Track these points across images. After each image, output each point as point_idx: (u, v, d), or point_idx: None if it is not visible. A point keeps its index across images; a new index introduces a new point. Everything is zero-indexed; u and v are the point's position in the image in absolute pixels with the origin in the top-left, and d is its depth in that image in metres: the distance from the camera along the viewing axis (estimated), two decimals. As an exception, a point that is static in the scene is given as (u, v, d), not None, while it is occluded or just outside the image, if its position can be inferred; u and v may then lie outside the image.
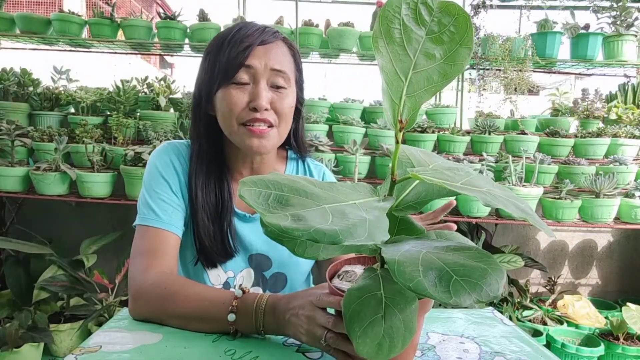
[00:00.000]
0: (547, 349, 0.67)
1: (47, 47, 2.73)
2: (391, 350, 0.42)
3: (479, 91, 2.73)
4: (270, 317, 0.66)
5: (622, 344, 2.07)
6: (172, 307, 0.72)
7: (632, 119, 2.44)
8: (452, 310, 0.84)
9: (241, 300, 0.68)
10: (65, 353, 1.90)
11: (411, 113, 0.46)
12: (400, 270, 0.40)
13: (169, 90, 2.33)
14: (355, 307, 0.45)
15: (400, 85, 0.45)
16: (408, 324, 0.43)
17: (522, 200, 0.44)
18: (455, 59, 0.44)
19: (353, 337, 0.43)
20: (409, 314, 0.44)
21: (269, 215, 0.39)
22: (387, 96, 0.46)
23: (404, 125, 0.46)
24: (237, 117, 0.81)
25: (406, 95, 0.45)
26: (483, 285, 0.38)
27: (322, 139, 2.13)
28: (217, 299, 0.70)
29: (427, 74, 0.45)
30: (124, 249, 2.17)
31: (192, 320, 0.70)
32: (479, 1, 2.57)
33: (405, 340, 0.43)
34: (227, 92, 0.81)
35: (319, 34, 2.53)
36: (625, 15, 2.48)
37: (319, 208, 0.41)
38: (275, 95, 0.82)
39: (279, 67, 0.82)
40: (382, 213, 0.42)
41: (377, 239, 0.38)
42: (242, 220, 0.92)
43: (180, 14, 2.45)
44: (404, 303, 0.45)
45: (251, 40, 0.80)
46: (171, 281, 0.76)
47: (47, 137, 2.10)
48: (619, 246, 2.68)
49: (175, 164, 0.89)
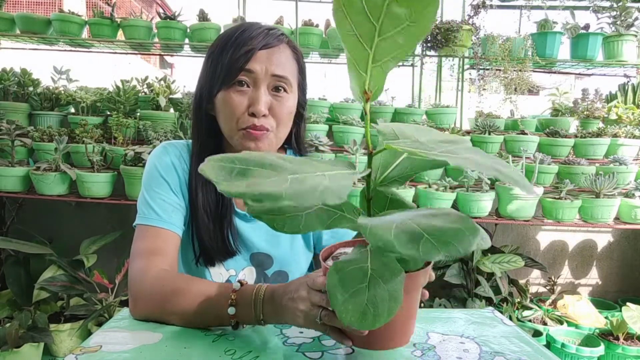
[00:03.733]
0: (547, 349, 0.67)
1: (47, 47, 2.73)
2: (376, 319, 0.42)
3: (479, 91, 2.73)
4: (269, 306, 0.66)
5: (622, 344, 2.07)
6: (172, 305, 0.72)
7: (632, 119, 2.44)
8: (452, 310, 0.85)
9: (239, 293, 0.69)
10: (65, 353, 1.90)
11: (377, 83, 0.45)
12: (373, 232, 0.40)
13: (169, 90, 2.33)
14: (340, 276, 0.45)
15: (366, 55, 0.43)
16: (393, 293, 0.43)
17: (507, 165, 0.43)
18: (421, 18, 0.41)
19: (335, 305, 0.43)
20: (394, 284, 0.44)
21: (223, 184, 0.38)
22: (352, 68, 0.44)
23: (370, 96, 0.45)
24: (237, 122, 0.81)
25: (372, 64, 0.44)
26: (454, 243, 0.38)
27: (322, 139, 2.13)
28: (216, 294, 0.71)
29: (392, 39, 0.42)
30: (124, 249, 2.17)
31: (192, 316, 0.71)
32: (479, 1, 2.57)
33: (391, 310, 0.43)
34: (228, 95, 0.81)
35: (319, 34, 2.53)
36: (625, 15, 2.48)
37: (280, 177, 0.39)
38: (275, 101, 0.82)
39: (281, 73, 0.81)
40: (346, 181, 0.41)
41: (329, 201, 0.37)
42: (243, 219, 0.93)
43: (180, 14, 2.45)
44: (390, 274, 0.45)
45: (254, 44, 0.80)
46: (170, 278, 0.76)
47: (47, 137, 2.10)
48: (619, 246, 2.68)
49: (174, 164, 0.89)
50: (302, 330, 0.71)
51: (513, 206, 2.06)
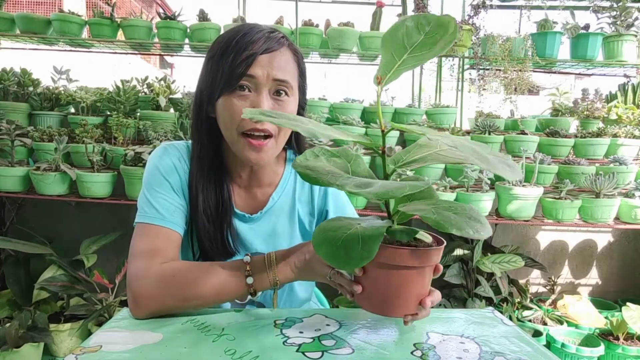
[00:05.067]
0: (547, 349, 0.67)
1: (47, 47, 2.73)
2: (348, 262, 0.56)
3: (479, 91, 2.73)
4: (285, 268, 0.77)
5: (622, 344, 2.07)
6: (189, 291, 0.76)
7: (632, 119, 2.44)
8: (452, 310, 0.85)
9: (252, 264, 0.77)
10: (65, 353, 1.90)
11: (390, 78, 0.61)
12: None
13: (169, 90, 2.33)
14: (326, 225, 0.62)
15: (394, 63, 0.59)
16: (367, 246, 0.56)
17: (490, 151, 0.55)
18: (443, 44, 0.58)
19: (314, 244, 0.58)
20: (371, 241, 0.56)
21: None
22: (381, 70, 0.60)
23: (381, 80, 0.60)
24: (238, 126, 0.81)
25: (395, 69, 0.60)
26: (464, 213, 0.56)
27: (322, 139, 2.13)
28: (232, 269, 0.78)
29: (417, 56, 0.59)
30: (124, 249, 2.15)
31: (214, 295, 0.76)
32: (478, 1, 2.57)
33: (362, 258, 0.55)
34: (229, 100, 0.81)
35: (319, 34, 2.53)
36: (625, 15, 2.48)
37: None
38: (276, 105, 0.82)
39: (282, 77, 0.81)
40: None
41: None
42: (242, 220, 0.93)
43: (180, 14, 2.45)
44: (371, 233, 0.57)
45: (255, 49, 0.79)
46: (180, 267, 0.79)
47: (47, 137, 2.10)
48: (619, 246, 2.68)
49: (175, 164, 0.89)
50: (302, 330, 0.71)
51: (513, 206, 2.07)
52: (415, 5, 2.53)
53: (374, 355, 0.63)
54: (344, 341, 0.67)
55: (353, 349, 0.64)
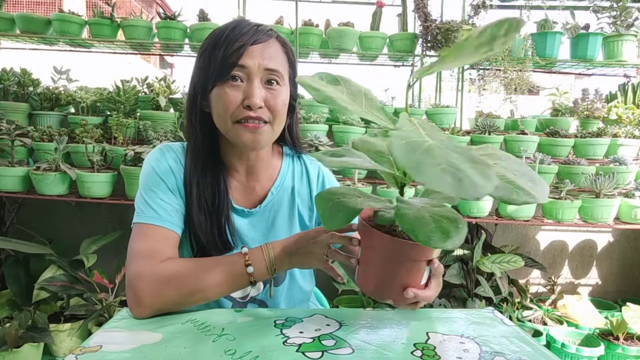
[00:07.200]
0: (547, 349, 0.67)
1: (47, 47, 2.73)
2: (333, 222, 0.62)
3: (479, 91, 2.73)
4: (284, 256, 0.81)
5: (622, 344, 2.07)
6: (192, 285, 0.77)
7: (632, 119, 2.44)
8: (452, 310, 0.85)
9: (250, 254, 0.81)
10: (65, 353, 1.90)
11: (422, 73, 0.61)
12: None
13: (169, 90, 2.33)
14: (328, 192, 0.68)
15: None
16: (347, 211, 0.63)
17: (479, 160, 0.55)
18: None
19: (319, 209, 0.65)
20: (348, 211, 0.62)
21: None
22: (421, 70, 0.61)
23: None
24: (232, 115, 0.82)
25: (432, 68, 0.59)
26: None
27: (322, 139, 2.13)
28: (232, 261, 0.80)
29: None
30: (124, 249, 2.14)
31: (217, 287, 0.79)
32: (479, 1, 2.57)
33: (340, 220, 0.62)
34: (222, 90, 0.82)
35: (319, 34, 2.53)
36: (625, 15, 2.48)
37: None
38: (268, 94, 0.83)
39: (273, 66, 0.83)
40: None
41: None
42: (240, 215, 0.93)
43: (180, 14, 2.45)
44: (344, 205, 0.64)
45: (245, 40, 0.81)
46: (179, 264, 0.80)
47: (47, 137, 2.10)
48: (619, 246, 2.68)
49: (171, 165, 0.89)
50: (302, 330, 0.71)
51: (513, 206, 2.06)
52: (415, 5, 2.53)
53: (374, 355, 0.63)
54: (344, 341, 0.67)
55: (353, 349, 0.64)
